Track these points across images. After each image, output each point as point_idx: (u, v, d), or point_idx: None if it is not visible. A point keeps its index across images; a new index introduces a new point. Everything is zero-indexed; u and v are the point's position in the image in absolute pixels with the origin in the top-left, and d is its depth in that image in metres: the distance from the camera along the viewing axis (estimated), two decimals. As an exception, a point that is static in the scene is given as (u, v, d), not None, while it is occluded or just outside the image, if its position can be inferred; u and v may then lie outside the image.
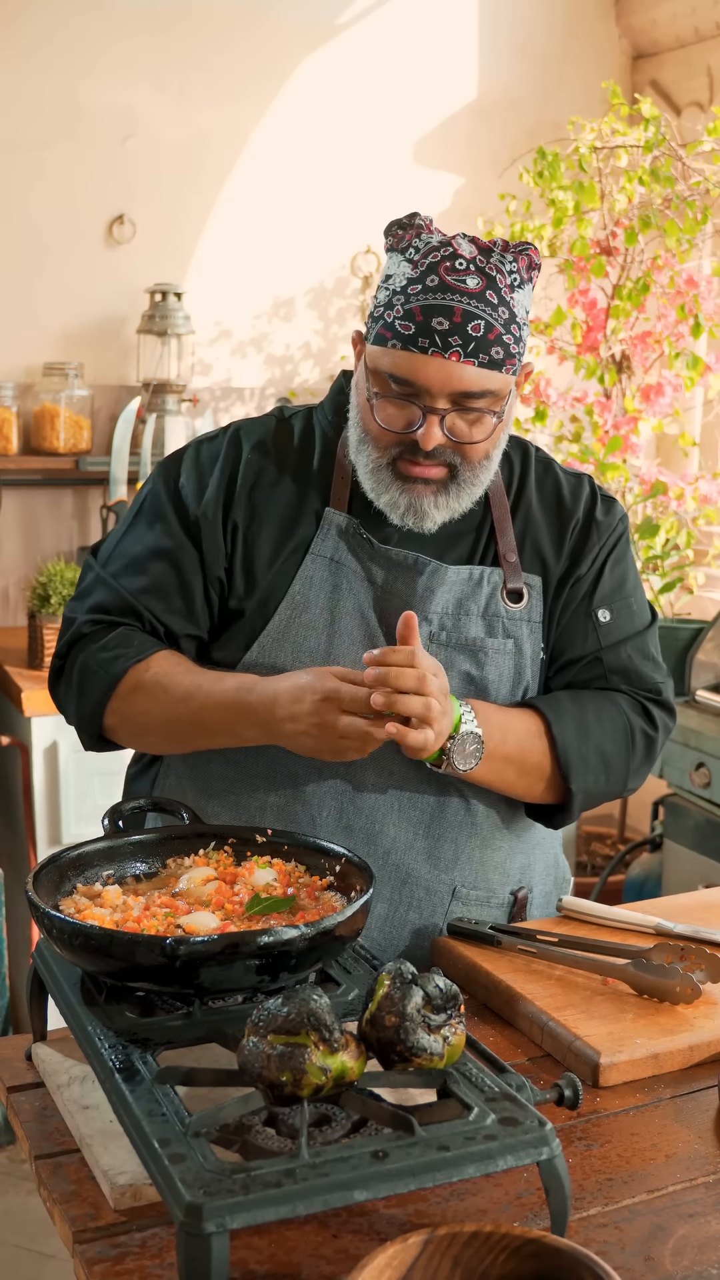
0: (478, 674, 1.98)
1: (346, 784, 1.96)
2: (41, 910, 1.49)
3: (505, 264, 1.84)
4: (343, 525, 1.98)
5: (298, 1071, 1.26)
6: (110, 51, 4.37)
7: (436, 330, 1.80)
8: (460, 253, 1.83)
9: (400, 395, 1.84)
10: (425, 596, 1.96)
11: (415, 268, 1.84)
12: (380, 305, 1.87)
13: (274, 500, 1.99)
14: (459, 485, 1.91)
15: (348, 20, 4.68)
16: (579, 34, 5.04)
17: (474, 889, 2.02)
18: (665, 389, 4.33)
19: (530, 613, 2.02)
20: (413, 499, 1.90)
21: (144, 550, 2.01)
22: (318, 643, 1.95)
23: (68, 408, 4.32)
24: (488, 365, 1.82)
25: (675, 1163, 1.46)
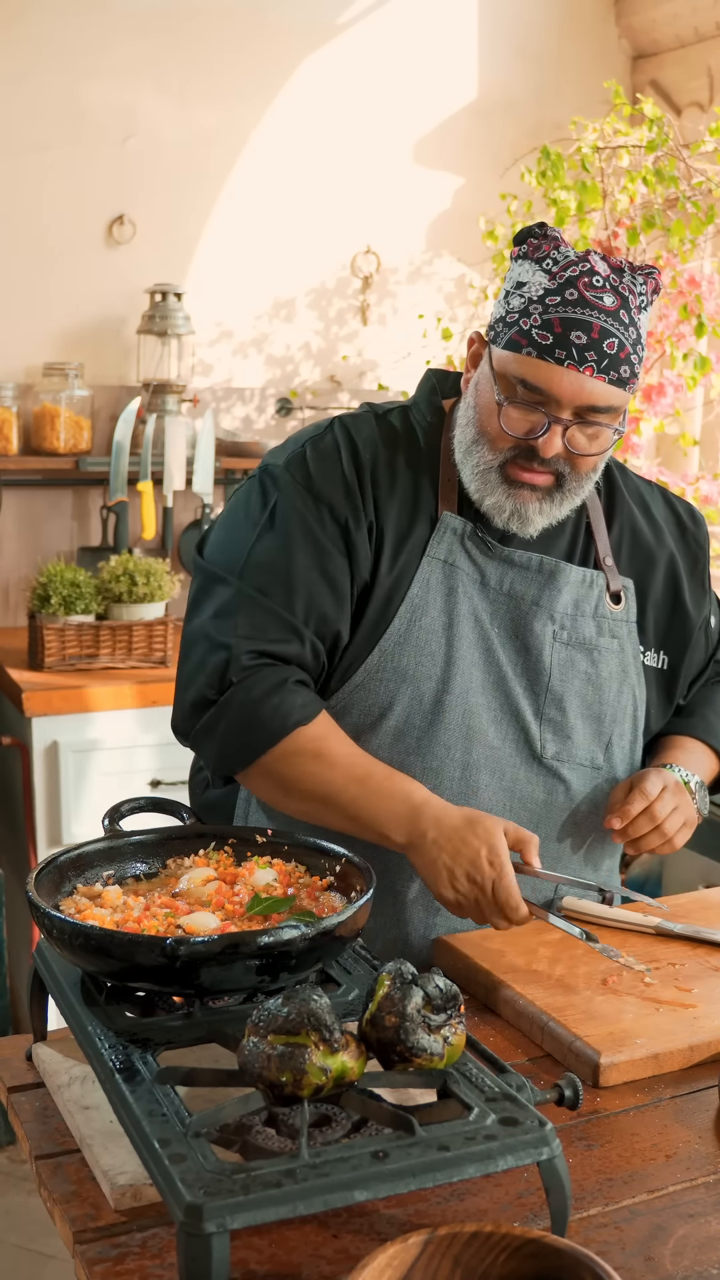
0: (593, 672, 2.05)
1: (462, 785, 1.99)
2: (42, 910, 1.49)
3: (636, 285, 1.89)
4: (458, 528, 2.00)
5: (298, 1072, 1.26)
6: (111, 52, 4.37)
7: (575, 344, 1.83)
8: (597, 270, 1.87)
9: (527, 402, 1.87)
10: (552, 596, 2.02)
11: (553, 279, 1.86)
12: (514, 311, 1.88)
13: (392, 497, 2.00)
14: (564, 494, 1.95)
15: (348, 21, 4.68)
16: (579, 34, 5.04)
17: (571, 888, 2.08)
18: (667, 389, 4.32)
19: (628, 614, 2.10)
20: (518, 504, 1.93)
21: (290, 559, 1.95)
22: (438, 645, 1.97)
23: (68, 408, 4.31)
24: (616, 382, 1.86)
25: (675, 1163, 1.46)
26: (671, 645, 2.15)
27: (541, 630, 2.02)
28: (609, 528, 2.11)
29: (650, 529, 2.15)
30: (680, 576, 2.15)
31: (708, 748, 2.17)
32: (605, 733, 2.07)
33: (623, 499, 2.14)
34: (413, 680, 1.96)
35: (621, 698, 2.08)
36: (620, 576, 2.10)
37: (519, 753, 2.02)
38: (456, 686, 1.97)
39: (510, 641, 2.02)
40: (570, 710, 2.03)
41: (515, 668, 2.02)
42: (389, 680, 1.96)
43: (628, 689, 2.09)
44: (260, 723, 1.88)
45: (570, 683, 2.03)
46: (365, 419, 2.06)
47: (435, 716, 1.97)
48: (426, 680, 1.97)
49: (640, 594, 2.12)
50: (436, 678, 1.97)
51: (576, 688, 2.04)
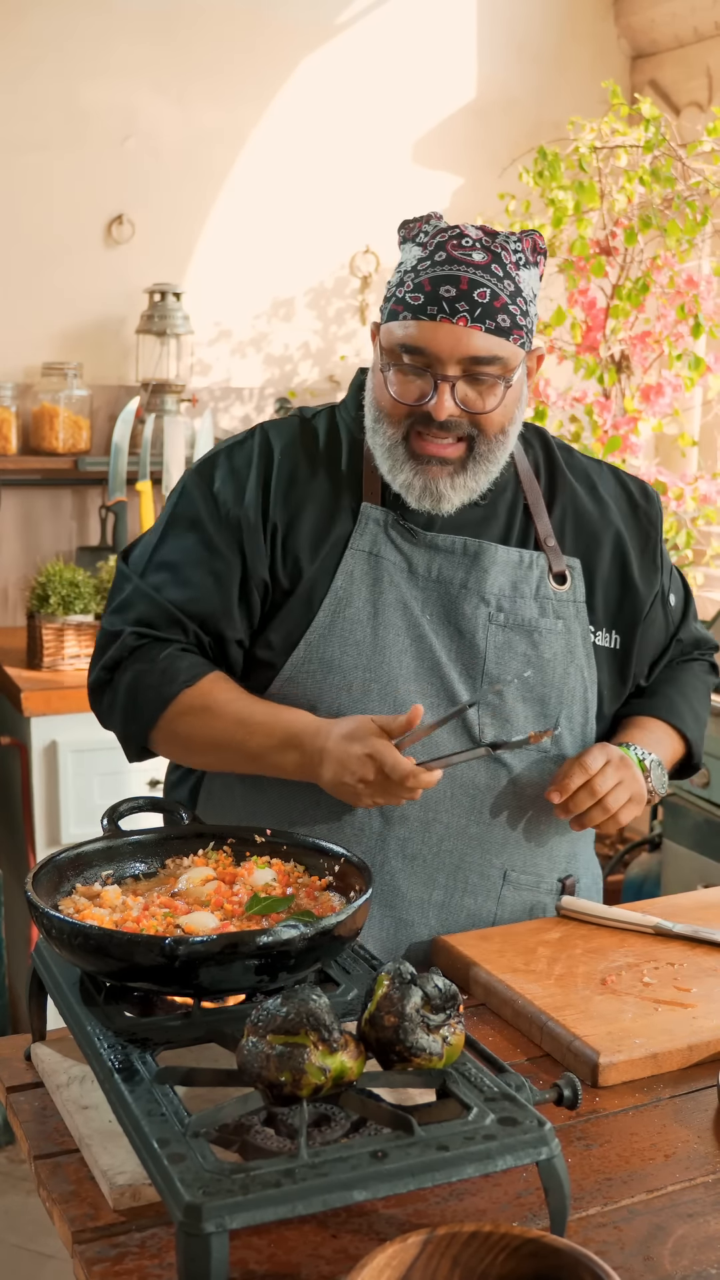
0: (534, 654, 2.03)
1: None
2: (41, 910, 1.49)
3: (510, 243, 1.91)
4: (379, 518, 2.01)
5: (297, 1071, 1.26)
6: (110, 52, 4.37)
7: (444, 298, 1.85)
8: (467, 234, 1.90)
9: (412, 366, 1.89)
10: (480, 578, 2.01)
11: (425, 249, 1.90)
12: (392, 286, 1.92)
13: (309, 498, 2.02)
14: (475, 462, 1.94)
15: (346, 20, 4.68)
16: (578, 34, 5.04)
17: (524, 873, 2.06)
18: (665, 389, 4.33)
19: (575, 594, 2.08)
20: (428, 480, 1.94)
21: (184, 559, 2.02)
22: (364, 635, 1.98)
23: (67, 408, 4.31)
24: (495, 331, 1.87)
25: (674, 1162, 1.46)
26: (623, 624, 2.13)
27: (473, 613, 2.01)
28: (550, 508, 2.10)
29: (596, 507, 2.13)
30: (629, 554, 2.13)
31: (670, 728, 2.16)
32: (551, 715, 2.04)
33: (564, 479, 2.13)
34: (339, 671, 1.97)
35: (569, 679, 2.06)
36: (565, 557, 2.08)
37: (456, 738, 1.99)
38: (384, 675, 1.97)
39: (443, 628, 2.01)
40: (509, 693, 2.02)
41: (450, 653, 2.00)
42: (315, 672, 1.97)
43: (575, 670, 2.07)
44: (149, 690, 1.96)
45: (508, 665, 2.02)
46: (289, 423, 2.10)
47: (364, 706, 1.97)
48: (353, 670, 1.97)
49: (588, 573, 2.10)
50: (363, 667, 1.97)
51: (516, 670, 2.02)
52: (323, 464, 2.05)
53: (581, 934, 1.96)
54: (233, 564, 1.99)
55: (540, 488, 2.10)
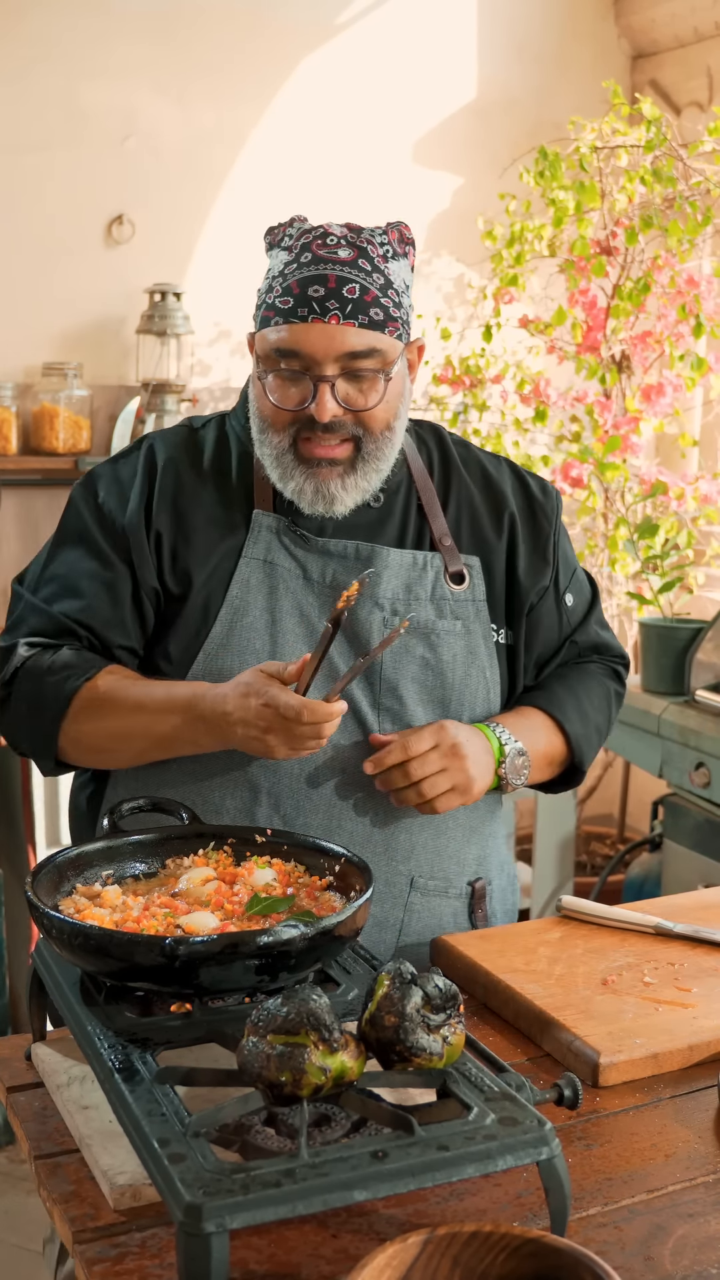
0: (432, 657, 2.00)
1: (302, 783, 1.96)
2: (41, 910, 1.49)
3: (376, 237, 1.91)
4: (272, 525, 1.99)
5: (297, 1071, 1.26)
6: (110, 53, 4.37)
7: (313, 298, 1.85)
8: (331, 232, 1.90)
9: (290, 370, 1.88)
10: (373, 582, 1.98)
11: (290, 252, 1.90)
12: (262, 294, 1.92)
13: (197, 507, 2.00)
14: (364, 461, 1.93)
15: (347, 20, 4.68)
16: (578, 34, 5.04)
17: (431, 879, 2.04)
18: (666, 389, 4.33)
19: (473, 593, 2.05)
20: (318, 483, 1.92)
21: (72, 570, 2.01)
22: (262, 644, 1.96)
23: (67, 408, 4.32)
24: (369, 326, 1.86)
25: (675, 1162, 1.46)
26: (511, 619, 2.11)
27: (368, 618, 1.98)
28: (445, 506, 2.08)
29: (490, 503, 2.10)
30: (518, 547, 2.10)
31: (550, 720, 2.11)
32: (452, 717, 2.01)
33: (460, 475, 2.10)
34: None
35: (469, 680, 2.03)
36: (463, 555, 2.06)
37: (358, 746, 1.97)
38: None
39: (340, 634, 1.97)
40: (408, 698, 1.99)
41: (347, 660, 1.97)
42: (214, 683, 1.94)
43: (476, 671, 2.04)
44: (48, 692, 1.94)
45: (405, 669, 1.99)
46: (177, 433, 2.09)
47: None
48: None
49: (486, 571, 2.07)
50: None
51: (413, 673, 1.99)
52: (211, 473, 2.03)
53: (582, 934, 1.96)
54: (121, 573, 1.98)
55: (434, 486, 2.08)
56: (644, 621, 3.92)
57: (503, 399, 4.62)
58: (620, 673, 2.28)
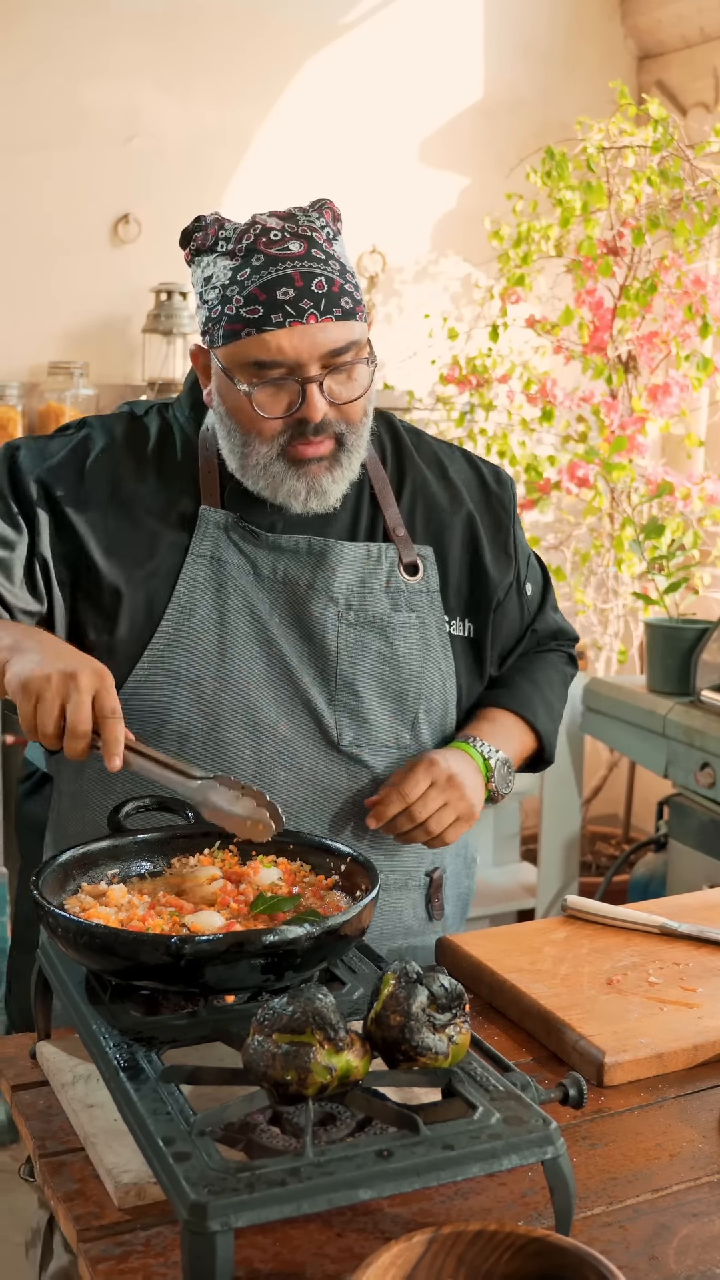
0: (388, 650, 1.98)
1: (258, 782, 1.92)
2: (47, 909, 1.49)
3: (314, 222, 1.85)
4: (220, 521, 1.94)
5: (303, 1070, 1.26)
6: (114, 52, 4.37)
7: (284, 300, 1.78)
8: (269, 226, 1.84)
9: (274, 379, 1.81)
10: (327, 577, 1.95)
11: (234, 257, 1.83)
12: (215, 306, 1.84)
13: (138, 500, 1.95)
14: (347, 452, 1.89)
15: (353, 20, 4.68)
16: (585, 34, 5.04)
17: (391, 873, 2.03)
18: (672, 389, 4.32)
19: (428, 584, 2.02)
20: (310, 481, 1.87)
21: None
22: (210, 644, 1.92)
23: (73, 407, 4.32)
24: (343, 317, 1.81)
25: (679, 1162, 1.46)
26: (476, 612, 2.08)
27: (322, 613, 1.94)
28: (399, 496, 2.04)
29: (445, 492, 2.07)
30: (480, 539, 2.07)
31: (521, 721, 2.11)
32: (410, 711, 1.99)
33: (413, 463, 2.07)
34: (187, 681, 1.91)
35: (425, 673, 2.00)
36: (416, 545, 2.02)
37: (314, 743, 1.95)
38: (235, 683, 1.92)
39: (293, 630, 1.94)
40: (365, 693, 1.96)
41: (301, 656, 1.94)
42: (162, 684, 1.91)
43: (431, 663, 2.01)
44: None
45: (361, 664, 1.96)
46: (119, 419, 2.03)
47: (217, 716, 1.91)
48: (202, 680, 1.91)
49: (440, 561, 2.04)
50: (212, 676, 1.91)
51: (369, 668, 1.96)
52: (153, 466, 1.97)
53: (587, 934, 1.96)
54: (20, 534, 1.90)
55: (388, 475, 2.05)
56: (649, 622, 3.92)
57: (509, 399, 4.63)
58: (573, 655, 2.30)
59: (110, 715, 1.63)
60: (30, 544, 1.91)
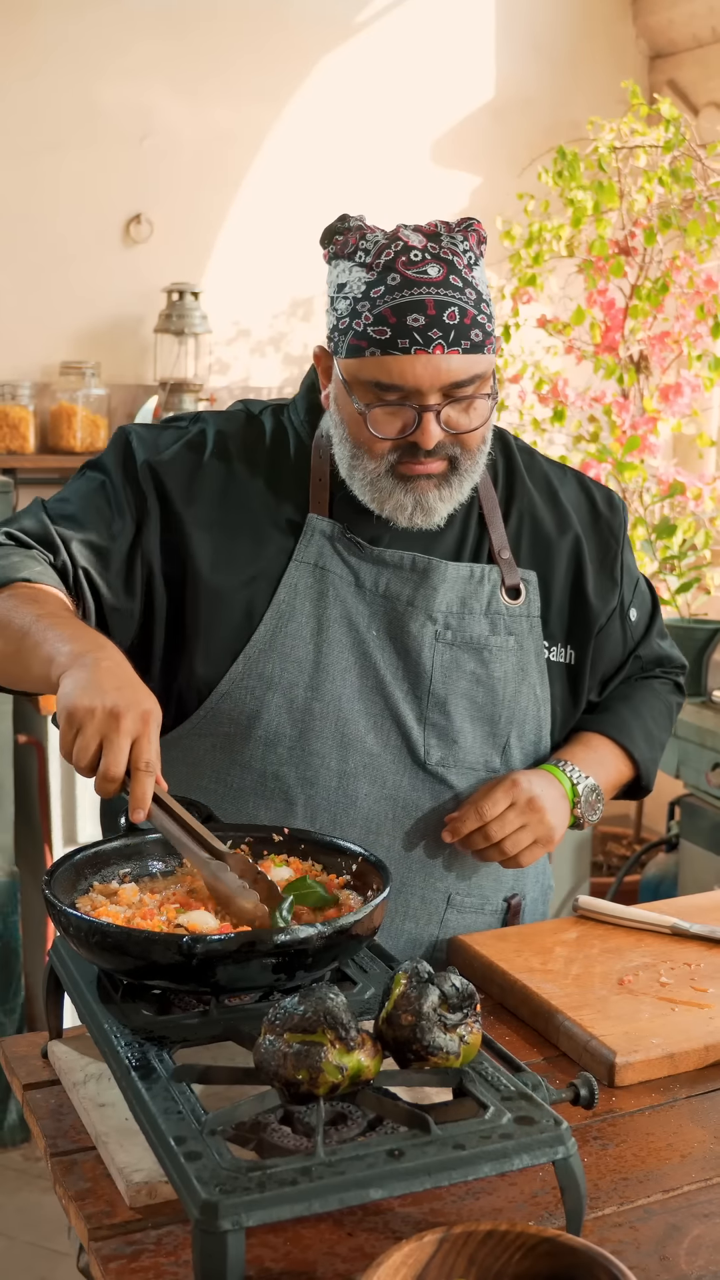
0: (483, 673, 1.95)
1: (340, 795, 1.93)
2: (58, 908, 1.49)
3: (458, 245, 1.79)
4: (327, 530, 1.92)
5: (314, 1070, 1.26)
6: (126, 51, 4.38)
7: (414, 327, 1.74)
8: (411, 244, 1.77)
9: (391, 402, 1.78)
10: (428, 595, 1.92)
11: (370, 270, 1.78)
12: (344, 316, 1.80)
13: (244, 504, 1.94)
14: (459, 475, 1.86)
15: (365, 20, 4.68)
16: (596, 34, 5.03)
17: (468, 896, 2.01)
18: (684, 389, 4.32)
19: (529, 608, 1.99)
20: (418, 496, 1.84)
21: (78, 496, 1.95)
22: (305, 652, 1.91)
23: (84, 407, 4.32)
24: (471, 350, 1.77)
25: (691, 1163, 1.46)
26: (577, 639, 2.05)
27: (419, 631, 1.92)
28: (506, 518, 2.01)
29: (554, 516, 2.03)
30: (585, 565, 2.03)
31: (618, 748, 2.08)
32: (501, 735, 1.97)
33: (523, 485, 2.03)
34: (279, 688, 1.90)
35: (520, 698, 1.98)
36: (520, 569, 1.99)
37: (400, 760, 1.93)
38: (327, 693, 1.90)
39: (389, 644, 1.93)
40: (456, 714, 1.94)
41: (395, 671, 1.93)
42: (255, 688, 1.90)
43: (527, 688, 1.98)
44: None
45: (455, 684, 1.94)
46: (234, 418, 2.02)
47: (306, 725, 1.90)
48: (294, 688, 1.90)
49: (543, 586, 2.01)
50: (305, 685, 1.90)
51: (463, 689, 1.94)
52: (264, 469, 1.96)
53: (598, 934, 1.96)
54: (126, 523, 1.90)
55: (497, 495, 2.01)
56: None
57: (521, 399, 4.62)
58: (680, 684, 2.25)
59: (143, 769, 1.55)
60: (135, 535, 1.91)
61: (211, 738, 1.94)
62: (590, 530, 2.06)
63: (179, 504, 1.92)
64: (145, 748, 1.55)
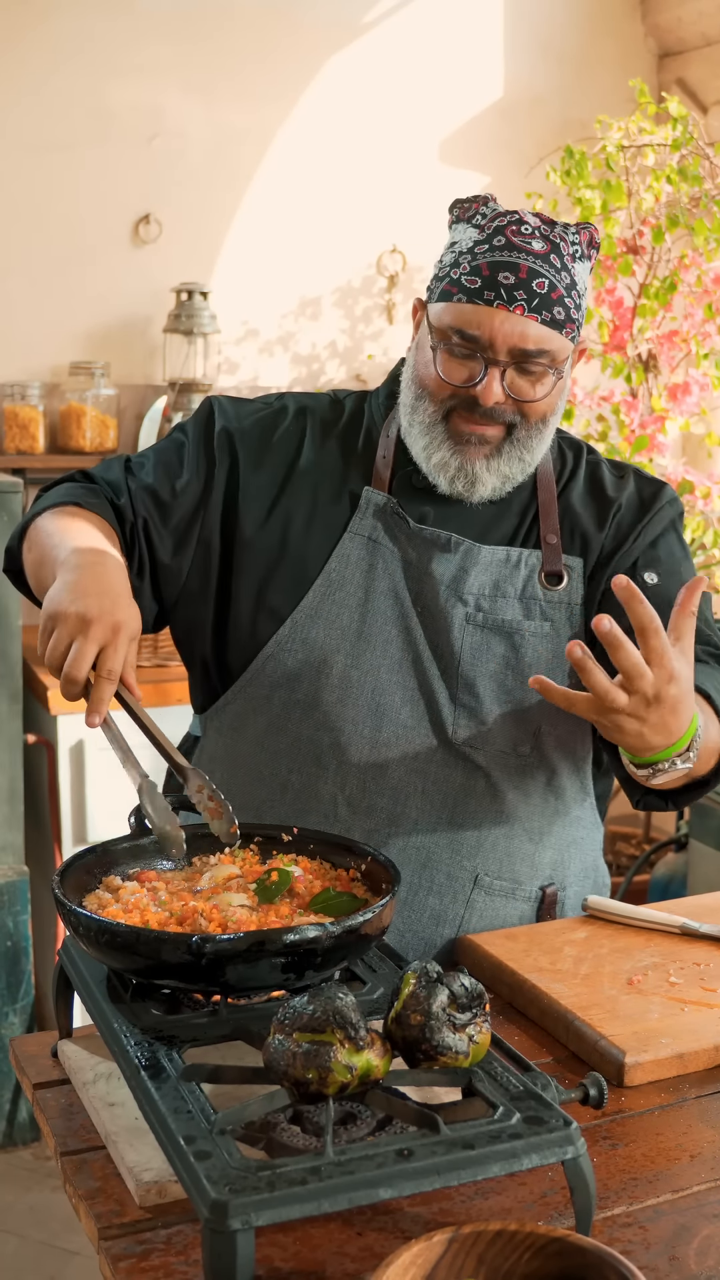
0: (513, 657, 1.96)
1: (371, 763, 1.95)
2: (68, 908, 1.49)
3: (569, 235, 1.89)
4: (380, 504, 1.99)
5: (323, 1069, 1.26)
6: (137, 52, 4.38)
7: (503, 284, 1.83)
8: (526, 220, 1.87)
9: (463, 349, 1.86)
10: (459, 577, 1.96)
11: (482, 231, 1.87)
12: (446, 265, 1.90)
13: (309, 474, 2.02)
14: (514, 446, 1.91)
15: (373, 19, 4.68)
16: (605, 32, 5.03)
17: (498, 879, 2.01)
18: (692, 388, 4.32)
19: (570, 595, 1.99)
20: (464, 460, 1.91)
21: (159, 455, 2.06)
22: (350, 620, 1.96)
23: (94, 407, 4.33)
24: (550, 324, 1.85)
25: (700, 1163, 1.46)
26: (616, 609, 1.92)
27: (451, 611, 1.95)
28: (563, 508, 2.03)
29: (598, 504, 2.03)
30: (618, 555, 2.00)
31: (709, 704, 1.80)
32: (532, 721, 1.95)
33: (579, 480, 2.06)
34: (321, 653, 1.95)
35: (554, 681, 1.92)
36: (567, 556, 2.00)
37: (432, 734, 1.95)
38: (366, 663, 1.95)
39: (429, 622, 1.96)
40: (484, 695, 1.95)
41: (432, 649, 1.96)
42: (297, 651, 1.96)
43: (562, 675, 1.94)
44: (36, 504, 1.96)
45: (483, 666, 1.95)
46: (320, 399, 2.13)
47: (344, 692, 1.94)
48: (335, 654, 1.95)
49: (586, 572, 2.01)
50: (346, 652, 1.95)
51: (491, 671, 1.95)
52: (336, 444, 2.05)
53: (608, 934, 1.96)
54: (194, 484, 2.01)
55: (556, 490, 2.04)
56: (670, 621, 3.90)
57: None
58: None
59: (104, 675, 1.60)
60: (201, 496, 2.01)
61: (252, 702, 2.00)
62: (628, 510, 2.05)
63: (246, 470, 2.02)
64: (110, 656, 1.60)
